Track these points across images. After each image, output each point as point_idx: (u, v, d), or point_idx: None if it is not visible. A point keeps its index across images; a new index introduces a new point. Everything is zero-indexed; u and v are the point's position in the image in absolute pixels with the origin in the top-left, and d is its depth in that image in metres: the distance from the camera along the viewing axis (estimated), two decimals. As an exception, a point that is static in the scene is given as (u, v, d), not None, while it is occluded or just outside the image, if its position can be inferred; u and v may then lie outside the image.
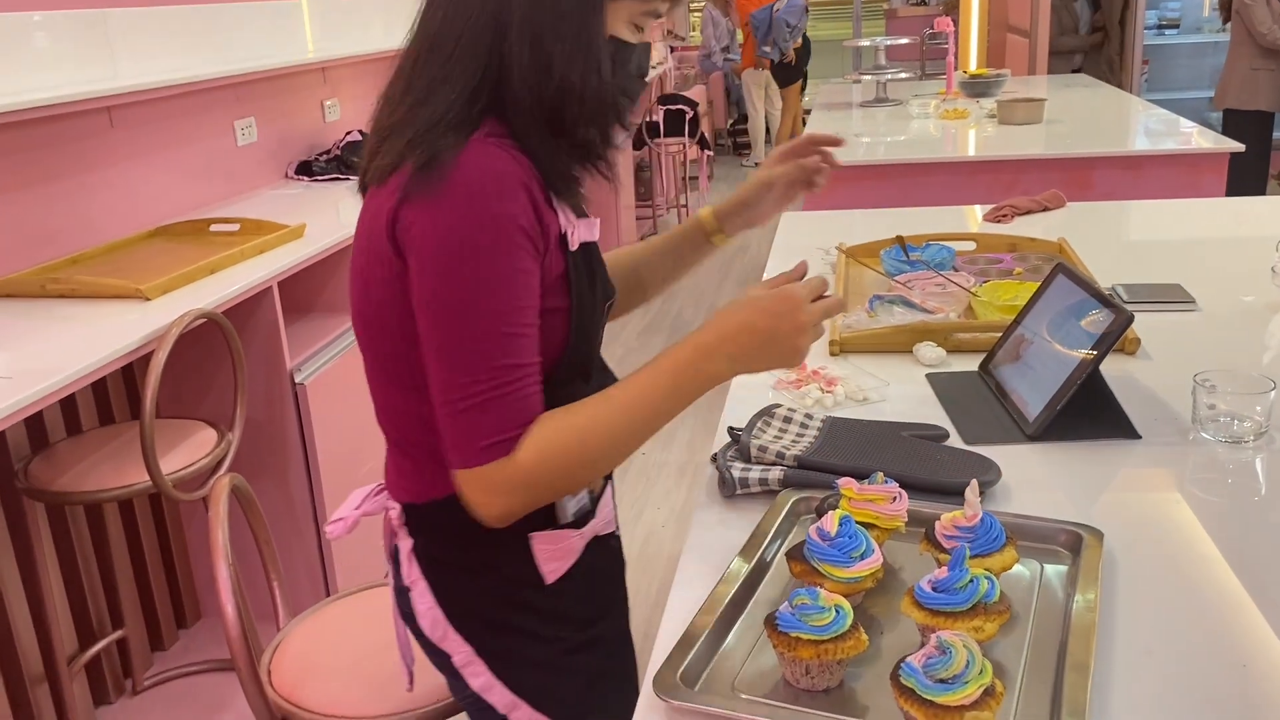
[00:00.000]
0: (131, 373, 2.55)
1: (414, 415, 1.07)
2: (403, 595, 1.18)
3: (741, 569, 1.06)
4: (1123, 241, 2.38)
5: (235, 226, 2.70)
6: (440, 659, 1.17)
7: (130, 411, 2.54)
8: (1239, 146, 3.30)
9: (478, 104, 1.00)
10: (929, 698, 0.80)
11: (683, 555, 1.16)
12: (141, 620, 2.59)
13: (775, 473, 1.23)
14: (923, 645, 0.95)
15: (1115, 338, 1.33)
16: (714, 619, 0.98)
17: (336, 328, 2.74)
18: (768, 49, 8.58)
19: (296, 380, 2.48)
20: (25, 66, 2.46)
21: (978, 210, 2.70)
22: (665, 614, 1.05)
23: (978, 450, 1.33)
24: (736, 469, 1.25)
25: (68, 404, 2.37)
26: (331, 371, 2.60)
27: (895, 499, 1.08)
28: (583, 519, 1.14)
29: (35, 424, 2.28)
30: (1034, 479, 1.28)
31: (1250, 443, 1.33)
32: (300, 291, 2.82)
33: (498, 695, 1.13)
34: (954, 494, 1.19)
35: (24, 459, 2.19)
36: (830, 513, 1.01)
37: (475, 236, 0.95)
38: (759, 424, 1.34)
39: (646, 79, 1.12)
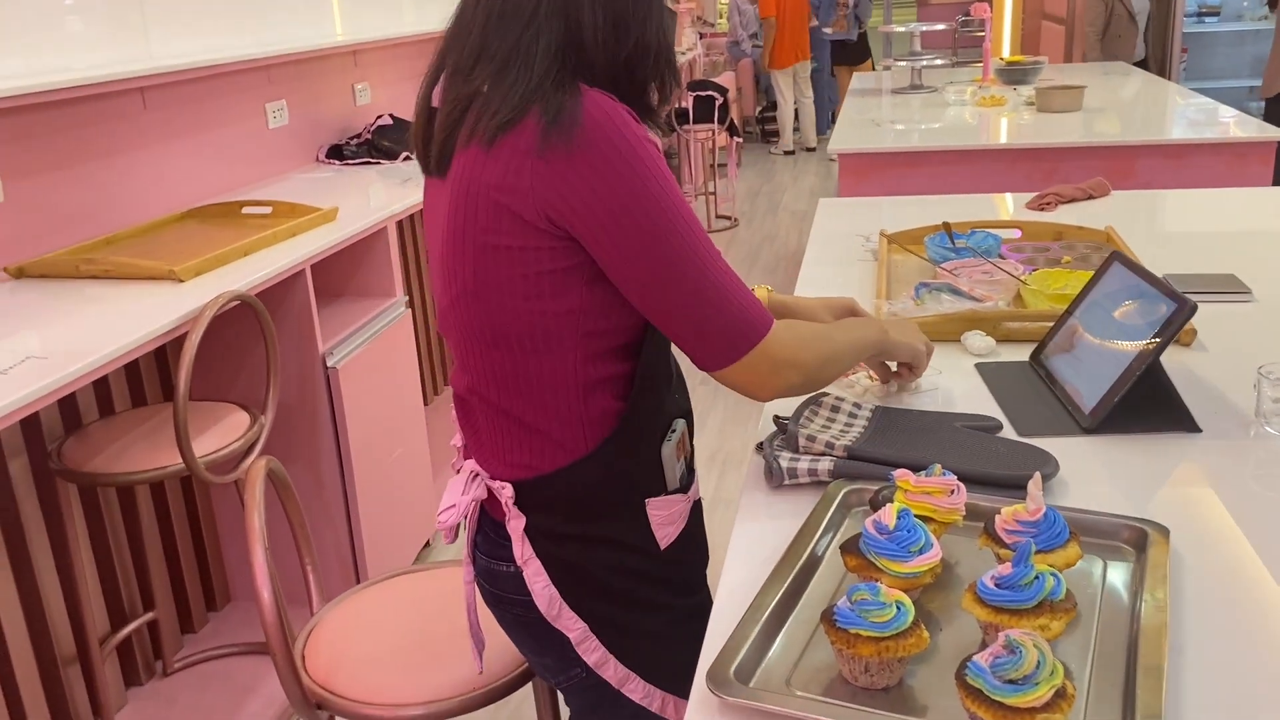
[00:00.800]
0: (164, 354, 2.54)
1: (539, 379, 1.07)
2: (504, 579, 1.17)
3: (793, 562, 1.03)
4: (1171, 230, 2.32)
5: (267, 209, 2.68)
6: (550, 641, 1.16)
7: (163, 393, 2.54)
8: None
9: (567, 66, 1.01)
10: (998, 699, 0.77)
11: (730, 546, 1.13)
12: (172, 602, 2.59)
13: (825, 463, 1.20)
14: (984, 643, 0.92)
15: (1177, 328, 1.28)
16: (766, 614, 0.95)
17: (368, 312, 2.72)
18: (828, 31, 8.42)
19: (328, 364, 2.47)
20: (60, 47, 2.45)
21: (1010, 199, 2.65)
22: (715, 607, 1.02)
23: (1032, 442, 1.29)
24: (784, 458, 1.22)
25: (100, 385, 2.37)
26: (363, 356, 2.59)
27: (953, 492, 1.04)
28: (685, 484, 1.18)
29: (68, 405, 2.27)
30: (1091, 472, 1.24)
31: (1316, 438, 1.29)
32: (332, 275, 2.80)
33: (611, 670, 1.15)
34: (1012, 487, 1.15)
35: (57, 440, 2.18)
36: (887, 505, 0.98)
37: (641, 160, 0.98)
38: (806, 412, 1.30)
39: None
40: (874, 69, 8.67)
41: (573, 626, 1.14)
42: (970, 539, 1.07)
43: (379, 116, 3.70)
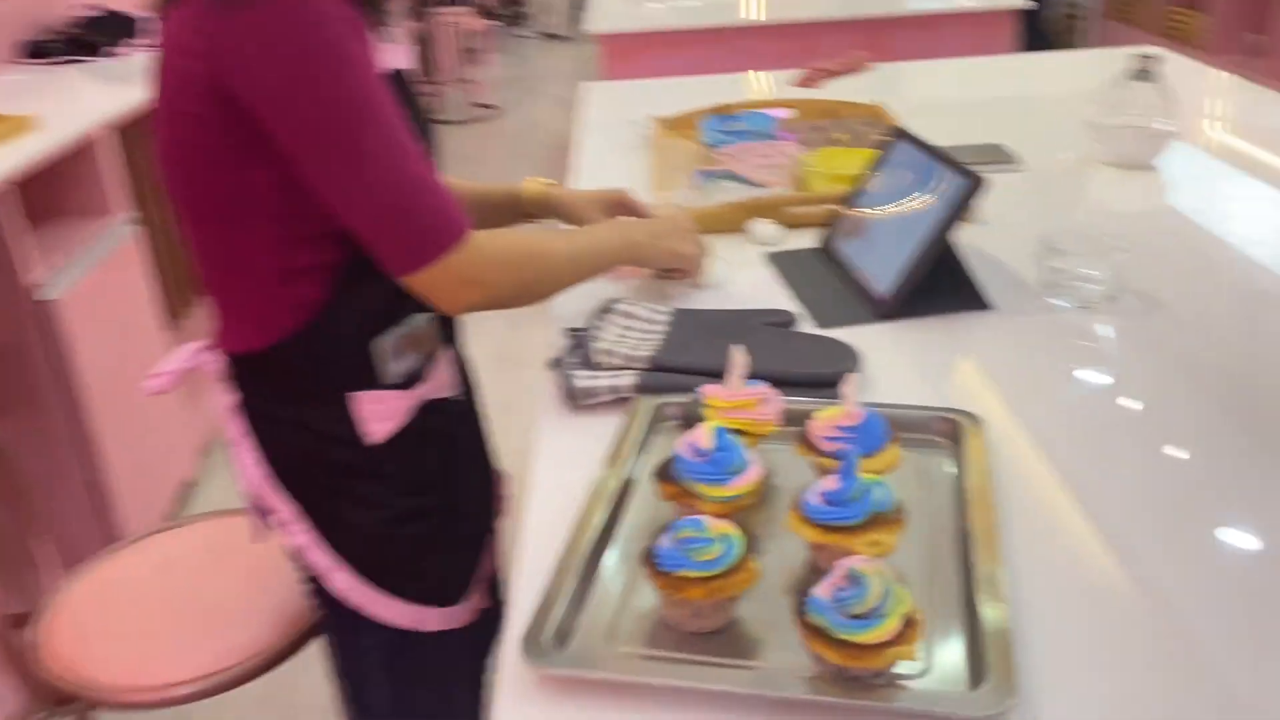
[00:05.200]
0: None
1: (235, 257, 1.02)
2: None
3: (604, 494, 0.93)
4: (933, 102, 2.33)
5: (-55, 120, 2.28)
6: (267, 516, 1.15)
7: None
8: (1030, 4, 3.33)
9: None
10: (845, 638, 0.70)
11: (531, 479, 1.02)
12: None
13: (626, 378, 1.10)
14: (813, 564, 0.86)
15: (967, 204, 1.25)
16: (580, 559, 0.85)
17: (88, 235, 2.39)
18: None
19: (42, 297, 2.14)
20: None
21: (773, 76, 2.60)
22: (521, 549, 0.91)
23: (831, 333, 1.24)
24: (582, 377, 1.11)
25: None
26: (86, 285, 2.27)
27: (765, 401, 0.97)
28: (410, 381, 1.10)
29: None
30: (890, 360, 1.20)
31: (1100, 306, 1.29)
32: (39, 196, 2.43)
33: (315, 557, 1.12)
34: (818, 385, 1.09)
35: None
36: (701, 425, 0.89)
37: (326, 30, 0.90)
38: (599, 323, 1.20)
39: None
40: None
41: (280, 506, 1.11)
42: (786, 446, 1.00)
43: (90, 7, 3.24)
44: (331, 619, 1.20)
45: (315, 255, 1.02)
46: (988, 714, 0.68)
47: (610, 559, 0.88)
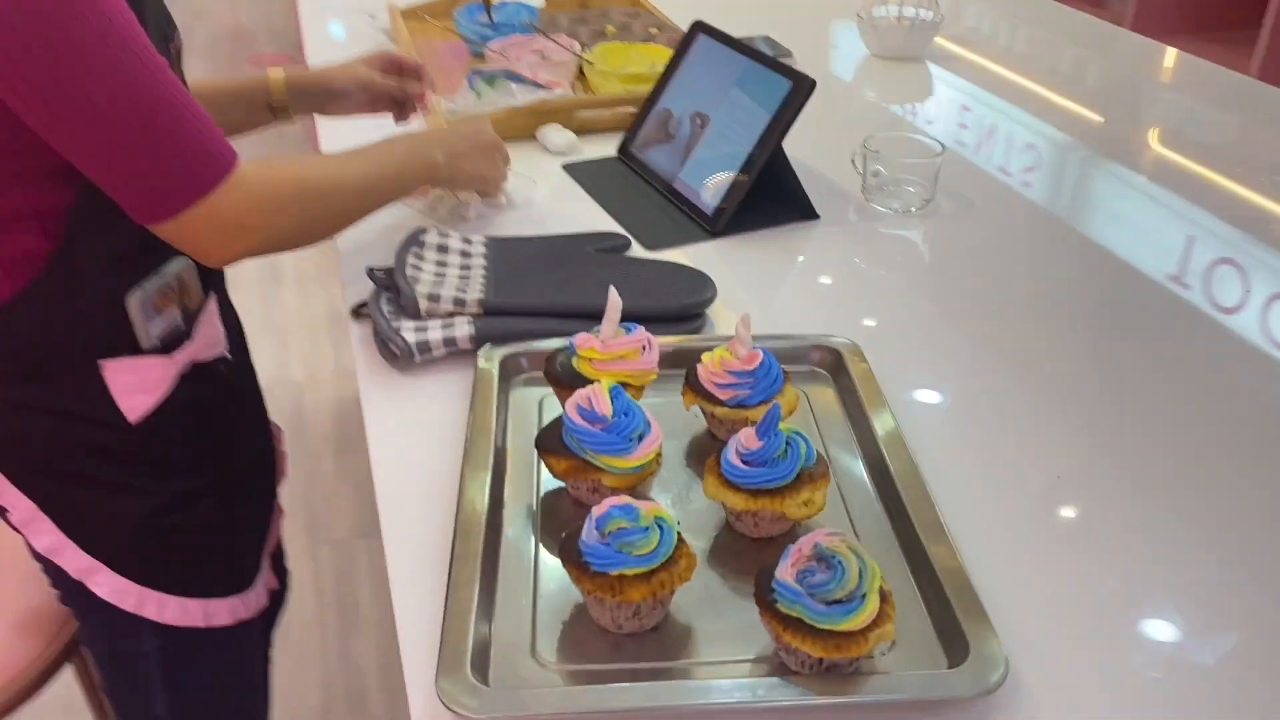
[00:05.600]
0: None
1: None
2: None
3: (480, 476, 0.79)
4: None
5: None
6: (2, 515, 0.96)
7: None
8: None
9: None
10: (827, 627, 0.62)
11: (375, 467, 0.85)
12: None
13: (462, 327, 0.95)
14: (729, 527, 0.77)
15: (798, 108, 1.17)
16: (475, 563, 0.71)
17: None
18: None
19: None
20: None
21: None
22: (392, 558, 0.76)
23: (663, 255, 1.13)
24: (409, 330, 0.94)
25: None
26: None
27: (646, 348, 0.85)
28: (174, 342, 0.93)
29: None
30: (727, 280, 1.10)
31: (919, 210, 1.27)
32: None
33: (70, 558, 0.94)
34: (680, 320, 0.99)
35: None
36: (595, 387, 0.77)
37: None
38: (410, 261, 1.02)
39: None
40: None
41: (16, 503, 0.93)
42: (666, 393, 0.89)
43: None
44: (95, 628, 1.01)
45: (31, 198, 0.81)
46: (986, 689, 0.63)
47: (506, 554, 0.75)
